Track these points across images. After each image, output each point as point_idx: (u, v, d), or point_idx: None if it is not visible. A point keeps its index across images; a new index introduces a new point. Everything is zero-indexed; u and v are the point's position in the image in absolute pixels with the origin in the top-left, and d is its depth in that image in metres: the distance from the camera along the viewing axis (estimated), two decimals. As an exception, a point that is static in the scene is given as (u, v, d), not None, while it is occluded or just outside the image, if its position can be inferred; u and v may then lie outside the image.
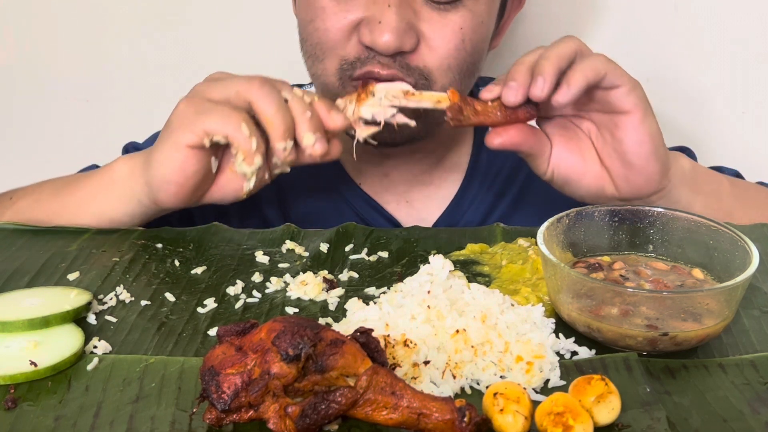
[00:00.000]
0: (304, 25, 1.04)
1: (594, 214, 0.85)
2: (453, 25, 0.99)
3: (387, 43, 0.95)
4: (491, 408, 0.62)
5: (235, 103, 0.87)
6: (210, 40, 1.51)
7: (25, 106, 1.58)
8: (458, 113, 0.89)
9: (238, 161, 0.87)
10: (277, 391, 0.61)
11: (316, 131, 0.87)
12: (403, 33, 0.95)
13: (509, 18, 1.13)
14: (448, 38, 0.99)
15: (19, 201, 1.02)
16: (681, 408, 0.66)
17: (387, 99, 0.90)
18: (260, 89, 0.86)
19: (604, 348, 0.74)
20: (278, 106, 0.86)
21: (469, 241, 0.94)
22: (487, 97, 0.89)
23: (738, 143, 1.47)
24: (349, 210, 1.16)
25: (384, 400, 0.61)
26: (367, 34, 0.97)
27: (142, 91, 1.55)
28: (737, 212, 1.00)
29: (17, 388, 0.69)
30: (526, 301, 0.80)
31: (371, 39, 0.96)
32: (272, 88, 0.87)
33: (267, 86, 0.87)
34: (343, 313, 0.80)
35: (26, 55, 1.55)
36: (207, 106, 0.88)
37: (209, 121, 0.86)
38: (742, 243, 0.78)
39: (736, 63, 1.43)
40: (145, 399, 0.68)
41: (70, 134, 1.59)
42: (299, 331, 0.61)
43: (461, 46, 0.99)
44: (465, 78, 1.03)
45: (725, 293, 0.73)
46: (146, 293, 0.85)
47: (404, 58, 0.98)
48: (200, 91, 0.90)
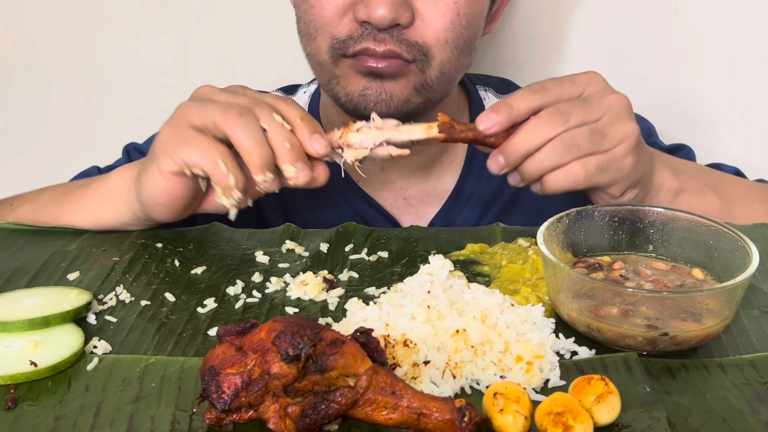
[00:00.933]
0: (298, 4, 1.04)
1: (594, 214, 0.85)
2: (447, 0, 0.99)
3: (383, 16, 0.95)
4: (491, 408, 0.62)
5: (214, 133, 0.85)
6: (210, 40, 1.51)
7: (25, 106, 1.58)
8: (450, 129, 0.87)
9: (218, 194, 0.86)
10: (277, 391, 0.61)
11: (297, 161, 0.84)
12: (398, 6, 0.96)
13: (502, 5, 1.14)
14: (443, 12, 0.99)
15: (19, 208, 1.03)
16: (681, 408, 0.66)
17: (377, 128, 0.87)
18: (237, 121, 0.83)
19: (604, 348, 0.74)
20: (255, 140, 0.83)
21: (469, 240, 0.94)
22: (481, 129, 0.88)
23: (738, 143, 1.47)
24: (346, 207, 1.16)
25: (384, 400, 0.61)
26: (362, 10, 0.97)
27: (142, 91, 1.55)
28: (737, 207, 1.01)
29: (17, 388, 0.69)
30: (526, 301, 0.80)
31: (366, 13, 0.96)
32: (249, 118, 0.84)
33: (244, 117, 0.83)
34: (343, 313, 0.80)
35: (26, 56, 1.55)
36: (187, 135, 0.86)
37: (188, 154, 0.85)
38: (742, 243, 0.78)
39: (736, 63, 1.42)
40: (145, 399, 0.68)
41: (70, 134, 1.59)
42: (299, 331, 0.61)
43: (456, 20, 1.00)
44: (462, 54, 1.03)
45: (725, 293, 0.73)
46: (146, 293, 0.85)
47: (401, 33, 0.98)
48: (183, 115, 0.88)
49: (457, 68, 1.04)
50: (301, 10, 1.03)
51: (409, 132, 0.87)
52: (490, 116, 0.87)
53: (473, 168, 1.17)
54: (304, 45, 1.06)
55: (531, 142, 0.86)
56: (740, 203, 1.03)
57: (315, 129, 0.86)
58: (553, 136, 0.86)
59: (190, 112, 0.87)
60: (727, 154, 1.37)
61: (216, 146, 0.84)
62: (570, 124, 0.86)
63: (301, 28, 1.05)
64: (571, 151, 0.86)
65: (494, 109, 0.88)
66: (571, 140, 0.86)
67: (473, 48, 1.06)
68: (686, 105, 1.46)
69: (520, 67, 1.48)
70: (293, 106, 0.88)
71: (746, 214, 1.01)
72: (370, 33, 0.98)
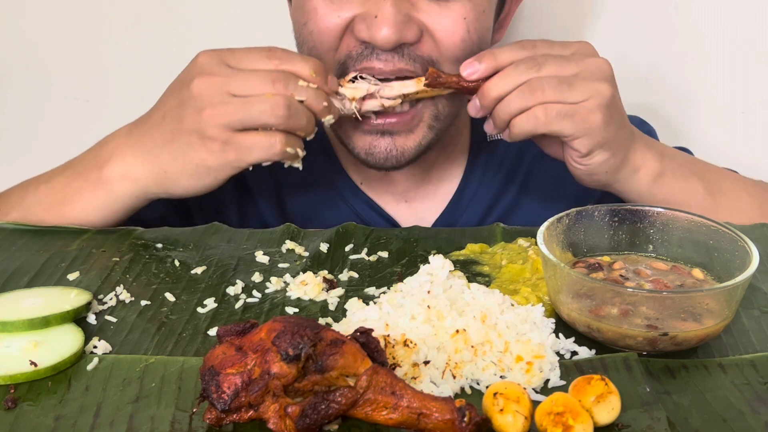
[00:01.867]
0: (299, 28, 1.03)
1: (594, 214, 0.85)
2: (455, 15, 0.97)
3: (386, 37, 0.93)
4: (491, 408, 0.62)
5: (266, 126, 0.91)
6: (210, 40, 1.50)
7: (25, 106, 1.58)
8: (437, 77, 0.94)
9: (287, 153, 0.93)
10: (277, 391, 0.61)
11: (333, 109, 0.93)
12: (403, 25, 0.94)
13: (510, 11, 1.13)
14: (453, 30, 0.97)
15: (7, 216, 1.01)
16: (681, 408, 0.66)
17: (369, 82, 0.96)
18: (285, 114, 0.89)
19: (604, 348, 0.74)
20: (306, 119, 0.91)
21: (469, 241, 0.94)
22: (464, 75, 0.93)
23: (738, 143, 1.47)
24: (348, 209, 1.16)
25: (384, 400, 0.61)
26: (364, 30, 0.95)
27: (142, 91, 1.54)
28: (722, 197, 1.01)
29: (17, 388, 0.69)
30: (526, 301, 0.79)
31: (369, 35, 0.94)
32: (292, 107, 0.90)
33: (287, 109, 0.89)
34: (343, 313, 0.80)
35: (26, 56, 1.55)
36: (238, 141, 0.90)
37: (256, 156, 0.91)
38: (742, 243, 0.78)
39: (736, 63, 1.43)
40: (145, 399, 0.68)
41: (70, 134, 1.59)
42: (299, 331, 0.61)
43: (467, 37, 0.98)
44: None
45: (725, 293, 0.73)
46: (146, 293, 0.85)
47: (410, 50, 0.97)
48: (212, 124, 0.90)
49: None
50: (302, 36, 1.02)
51: (401, 86, 0.96)
52: (473, 63, 0.92)
53: (474, 173, 1.17)
54: None
55: (503, 86, 0.91)
56: (726, 194, 1.02)
57: (326, 72, 0.94)
58: (523, 81, 0.90)
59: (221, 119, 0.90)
60: (727, 154, 1.37)
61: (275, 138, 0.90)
62: (541, 73, 0.90)
63: (304, 52, 1.03)
64: (535, 94, 0.90)
65: (478, 58, 0.92)
66: (537, 85, 0.89)
67: None
68: (686, 105, 1.46)
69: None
70: (301, 62, 0.92)
71: (732, 205, 1.01)
72: (372, 53, 0.97)
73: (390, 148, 1.00)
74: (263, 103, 0.89)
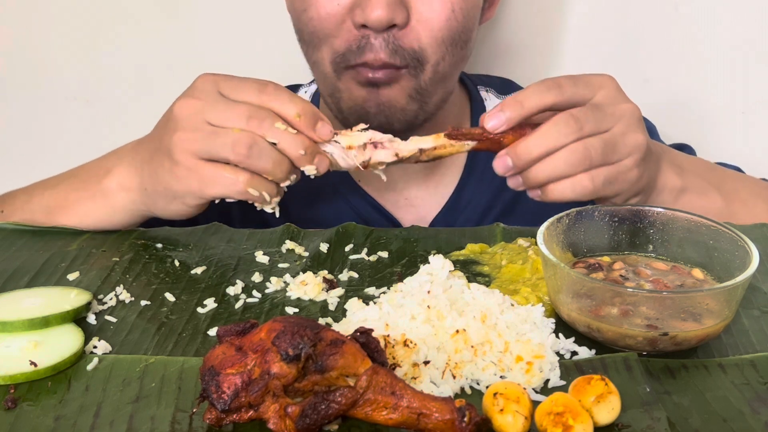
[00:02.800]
0: (297, 15, 1.05)
1: (594, 214, 0.85)
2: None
3: (379, 17, 0.96)
4: (491, 408, 0.62)
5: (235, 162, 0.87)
6: (210, 39, 1.51)
7: (25, 106, 1.58)
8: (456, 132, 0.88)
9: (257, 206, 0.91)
10: (277, 391, 0.61)
11: (314, 158, 0.88)
12: (395, 6, 0.96)
13: None
14: (438, 10, 0.99)
15: (10, 217, 1.01)
16: (681, 408, 0.66)
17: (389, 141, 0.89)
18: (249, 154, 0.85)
19: (604, 348, 0.74)
20: (273, 162, 0.86)
21: (469, 241, 0.94)
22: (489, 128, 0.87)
23: (738, 143, 1.47)
24: (347, 208, 1.16)
25: (384, 400, 0.61)
26: (359, 14, 0.97)
27: (142, 91, 1.54)
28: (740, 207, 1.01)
29: (17, 388, 0.69)
30: (526, 301, 0.79)
31: (364, 17, 0.97)
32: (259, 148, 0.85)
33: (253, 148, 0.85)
34: (343, 313, 0.80)
35: (26, 56, 1.55)
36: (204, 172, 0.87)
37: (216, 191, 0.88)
38: (742, 243, 0.78)
39: (735, 63, 1.43)
40: (145, 399, 0.68)
41: (70, 134, 1.59)
42: (299, 331, 0.61)
43: (452, 17, 1.00)
44: (457, 48, 1.03)
45: (725, 293, 0.73)
46: (146, 293, 0.85)
47: (397, 39, 0.98)
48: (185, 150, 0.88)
49: (452, 63, 1.04)
50: (301, 23, 1.04)
51: (418, 141, 0.89)
52: (497, 115, 0.86)
53: (473, 172, 1.17)
54: (308, 54, 1.07)
55: (543, 146, 0.85)
56: (743, 203, 1.02)
57: (315, 118, 0.88)
58: (566, 143, 0.85)
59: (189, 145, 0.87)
60: (727, 154, 1.37)
61: (238, 176, 0.86)
62: (584, 132, 0.85)
63: (303, 38, 1.05)
64: (584, 162, 0.85)
65: (503, 107, 0.86)
66: (584, 151, 0.85)
67: (470, 40, 1.06)
68: (686, 105, 1.46)
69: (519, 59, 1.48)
70: (288, 103, 0.87)
71: (748, 214, 1.01)
72: (367, 44, 0.98)
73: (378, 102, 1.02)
74: (227, 136, 0.86)
